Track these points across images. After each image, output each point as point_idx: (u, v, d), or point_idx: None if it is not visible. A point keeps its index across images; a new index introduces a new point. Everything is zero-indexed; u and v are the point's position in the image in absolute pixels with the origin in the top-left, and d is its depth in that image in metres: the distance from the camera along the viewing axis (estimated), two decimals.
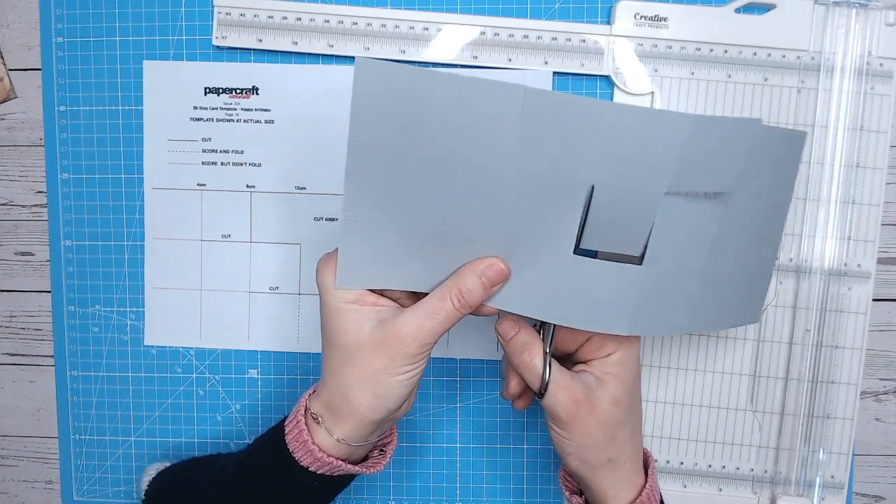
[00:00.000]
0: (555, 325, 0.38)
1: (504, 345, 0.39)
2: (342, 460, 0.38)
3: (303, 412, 0.38)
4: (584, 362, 0.40)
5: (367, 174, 0.34)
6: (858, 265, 0.48)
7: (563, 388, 0.38)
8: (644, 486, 0.40)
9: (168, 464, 0.46)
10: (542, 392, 0.38)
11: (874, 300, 0.48)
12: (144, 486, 0.44)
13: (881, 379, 0.51)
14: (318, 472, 0.38)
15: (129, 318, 0.51)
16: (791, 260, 0.48)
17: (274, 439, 0.38)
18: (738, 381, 0.48)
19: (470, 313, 0.36)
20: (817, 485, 0.48)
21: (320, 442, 0.37)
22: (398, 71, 0.31)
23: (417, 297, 0.37)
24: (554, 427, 0.39)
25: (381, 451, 0.41)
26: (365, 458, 0.41)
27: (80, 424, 0.52)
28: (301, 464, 0.37)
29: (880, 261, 0.48)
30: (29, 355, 0.53)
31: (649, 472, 0.41)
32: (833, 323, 0.48)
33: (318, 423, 0.37)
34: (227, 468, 0.41)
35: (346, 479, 0.40)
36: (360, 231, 0.35)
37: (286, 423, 0.38)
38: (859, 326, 0.48)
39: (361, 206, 0.35)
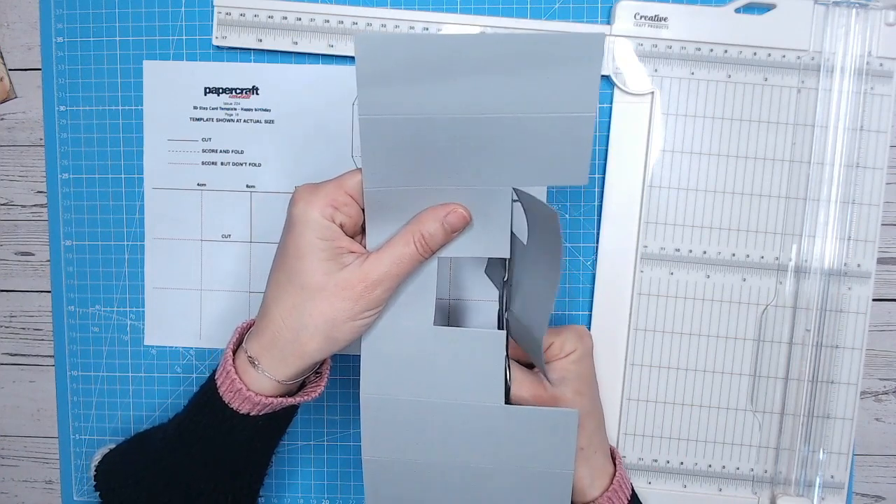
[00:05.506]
0: (508, 331, 0.39)
1: None
2: (282, 397, 0.38)
3: (230, 362, 0.37)
4: (546, 365, 0.41)
5: (382, 145, 0.34)
6: (858, 265, 0.47)
7: (524, 386, 0.40)
8: (615, 474, 0.43)
9: (113, 445, 0.45)
10: (506, 394, 0.39)
11: (874, 300, 0.48)
12: (93, 471, 0.44)
13: (881, 379, 0.51)
14: (262, 414, 0.37)
15: (129, 318, 0.51)
16: (791, 260, 0.48)
17: (207, 396, 0.38)
18: (737, 381, 0.48)
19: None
20: (817, 485, 0.48)
21: (256, 386, 0.37)
22: (397, 40, 0.32)
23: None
24: None
25: (317, 373, 0.41)
26: (302, 384, 0.41)
27: (80, 424, 0.52)
28: (241, 412, 0.37)
29: (880, 261, 0.48)
30: (29, 355, 0.53)
31: (617, 461, 0.44)
32: (833, 323, 0.48)
33: (254, 367, 0.37)
34: (169, 434, 0.41)
35: (293, 409, 0.40)
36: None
37: (216, 377, 0.38)
38: (859, 326, 0.48)
39: (381, 180, 0.35)
